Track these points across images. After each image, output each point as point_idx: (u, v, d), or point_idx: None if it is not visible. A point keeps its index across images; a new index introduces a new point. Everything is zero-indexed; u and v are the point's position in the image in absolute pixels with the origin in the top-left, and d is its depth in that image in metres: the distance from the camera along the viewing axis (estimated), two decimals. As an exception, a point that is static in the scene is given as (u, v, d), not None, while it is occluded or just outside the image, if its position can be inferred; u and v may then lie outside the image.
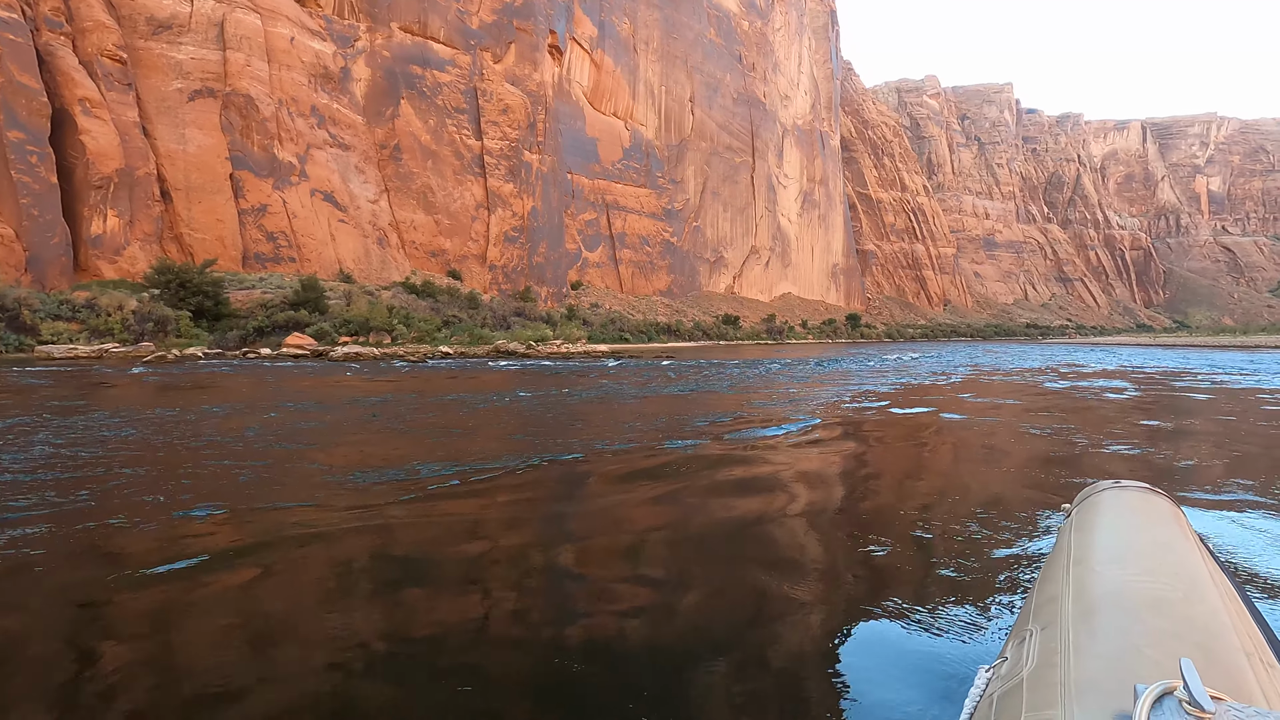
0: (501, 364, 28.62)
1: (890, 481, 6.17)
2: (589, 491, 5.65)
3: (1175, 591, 1.34)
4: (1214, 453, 7.59)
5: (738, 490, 5.70)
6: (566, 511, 5.06)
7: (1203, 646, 1.12)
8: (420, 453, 7.08)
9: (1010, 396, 15.28)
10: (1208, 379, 20.41)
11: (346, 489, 5.47)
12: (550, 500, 5.41)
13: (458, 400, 12.63)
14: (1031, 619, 1.42)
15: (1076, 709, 0.97)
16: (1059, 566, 1.63)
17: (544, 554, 4.02)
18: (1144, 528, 1.79)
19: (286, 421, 9.62)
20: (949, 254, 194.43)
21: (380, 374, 20.54)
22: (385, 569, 3.68)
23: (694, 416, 10.70)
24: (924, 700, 2.34)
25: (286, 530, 4.31)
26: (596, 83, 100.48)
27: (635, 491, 5.60)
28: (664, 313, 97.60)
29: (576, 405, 11.97)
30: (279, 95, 59.62)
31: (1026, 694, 1.08)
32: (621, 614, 3.10)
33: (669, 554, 4.05)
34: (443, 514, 4.85)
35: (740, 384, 17.65)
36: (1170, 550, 1.59)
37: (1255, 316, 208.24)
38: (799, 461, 7.01)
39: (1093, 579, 1.45)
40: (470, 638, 2.82)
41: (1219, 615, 1.26)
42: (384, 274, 64.81)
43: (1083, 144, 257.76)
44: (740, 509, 5.08)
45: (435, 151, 73.05)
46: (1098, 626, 1.23)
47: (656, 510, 5.06)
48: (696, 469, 6.48)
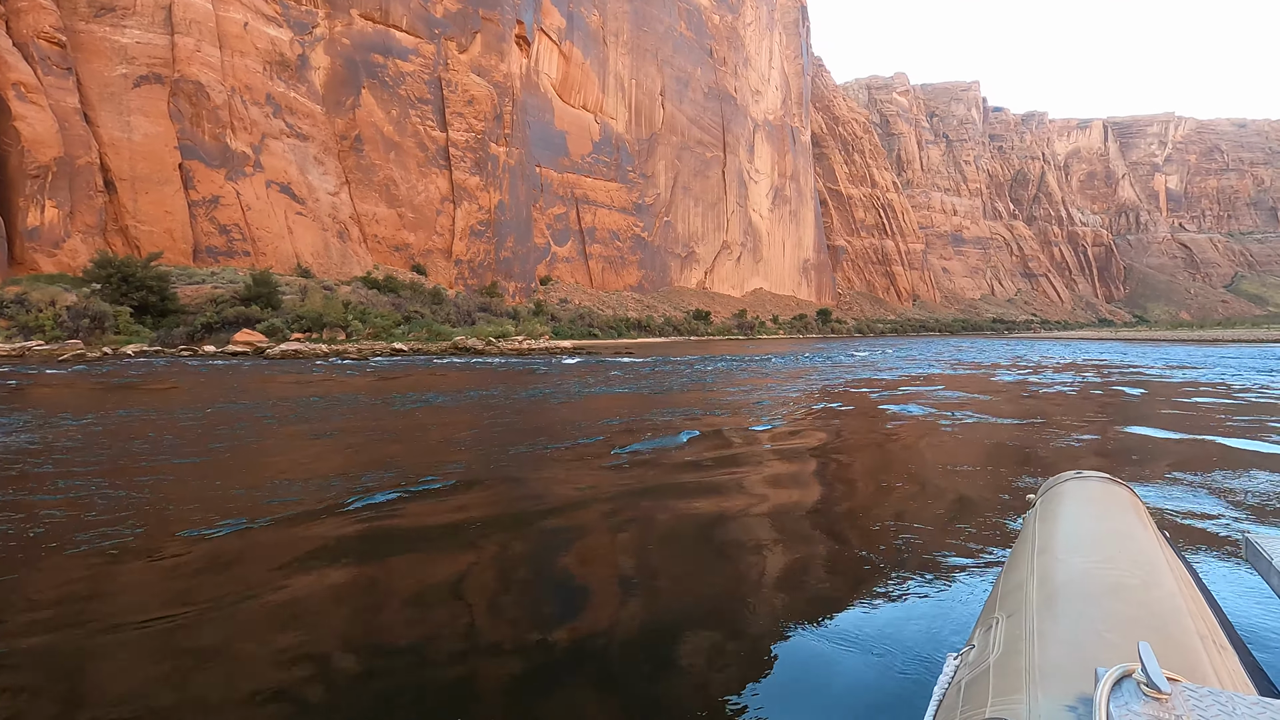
0: (449, 361, 27.67)
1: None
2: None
3: (1134, 578, 1.39)
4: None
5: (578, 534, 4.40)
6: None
7: (1160, 630, 1.17)
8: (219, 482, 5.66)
9: (982, 391, 14.95)
10: (1152, 372, 20.40)
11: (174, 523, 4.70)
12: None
13: (368, 405, 11.74)
14: (998, 607, 1.46)
15: (1041, 693, 1.00)
16: (1024, 555, 1.67)
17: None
18: (1104, 517, 1.85)
19: (165, 430, 8.74)
20: (918, 250, 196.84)
21: (310, 373, 19.51)
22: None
23: (606, 418, 10.03)
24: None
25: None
26: (565, 75, 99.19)
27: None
28: (634, 308, 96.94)
29: (497, 409, 11.07)
30: (231, 82, 57.52)
31: (993, 680, 1.10)
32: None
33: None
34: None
35: (689, 383, 17.07)
36: (1129, 538, 1.65)
37: (1210, 311, 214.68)
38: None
39: (1056, 567, 1.49)
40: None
41: (1175, 600, 1.31)
42: (345, 269, 63.08)
43: (1047, 142, 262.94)
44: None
45: (398, 143, 71.32)
46: (1061, 613, 1.26)
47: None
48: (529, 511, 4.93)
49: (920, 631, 2.86)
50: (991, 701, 1.04)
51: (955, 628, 2.88)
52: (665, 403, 12.04)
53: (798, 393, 14.52)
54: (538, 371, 20.97)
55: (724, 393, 14.44)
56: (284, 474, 6.05)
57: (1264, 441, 7.81)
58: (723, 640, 2.81)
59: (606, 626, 2.93)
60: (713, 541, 4.18)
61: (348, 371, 20.24)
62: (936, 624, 2.94)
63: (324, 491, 5.26)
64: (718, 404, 11.80)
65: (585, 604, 3.19)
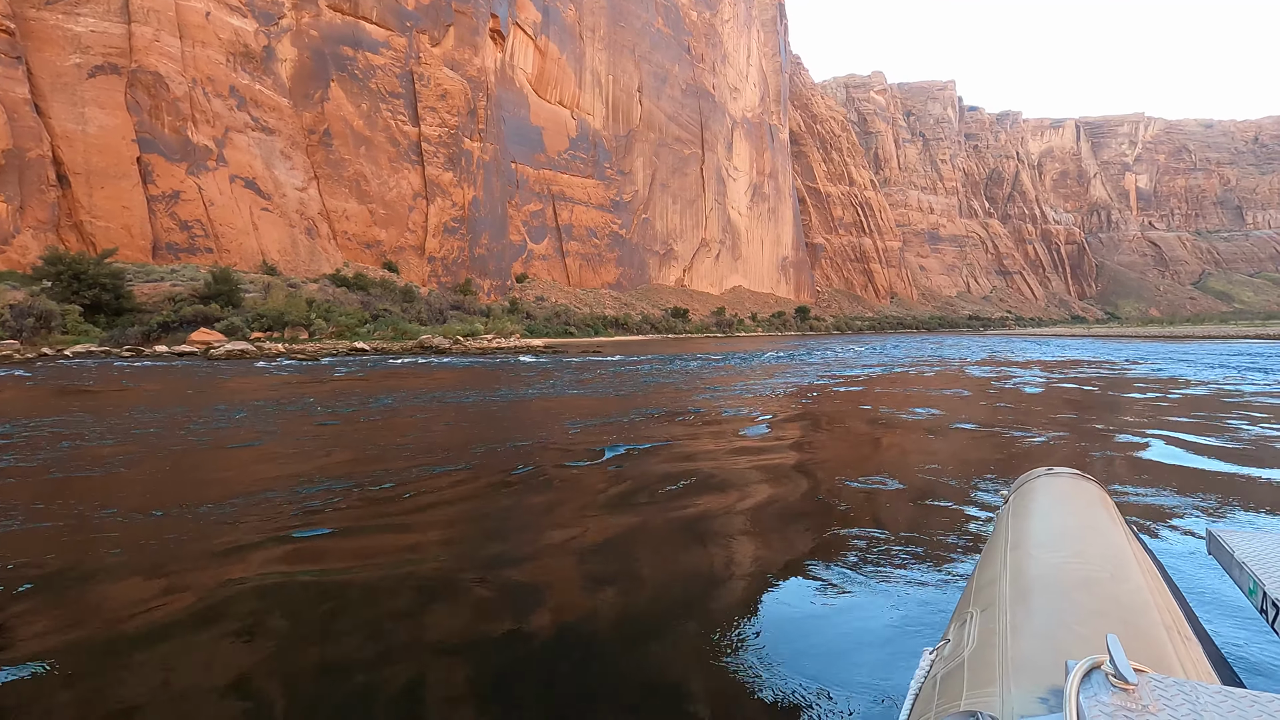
0: (410, 360, 26.75)
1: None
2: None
3: (1103, 572, 1.44)
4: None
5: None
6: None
7: (1128, 623, 1.20)
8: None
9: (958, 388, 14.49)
10: (1116, 369, 20.20)
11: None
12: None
13: (273, 413, 10.83)
14: (972, 602, 1.49)
15: (1013, 686, 1.02)
16: (997, 551, 1.71)
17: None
18: (1075, 512, 1.90)
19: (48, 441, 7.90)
20: (895, 248, 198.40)
21: (247, 376, 18.55)
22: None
23: (537, 427, 9.33)
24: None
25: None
26: (541, 70, 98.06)
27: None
28: (612, 306, 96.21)
29: (425, 418, 9.80)
30: (193, 74, 55.75)
31: (967, 673, 1.13)
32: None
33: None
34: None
35: (651, 384, 16.43)
36: (1099, 533, 1.71)
37: (1179, 308, 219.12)
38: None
39: (1028, 562, 1.53)
40: None
41: (1142, 593, 1.36)
42: (313, 266, 61.59)
43: (1021, 141, 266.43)
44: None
45: (369, 138, 69.85)
46: (1033, 607, 1.29)
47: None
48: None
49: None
50: (966, 695, 1.06)
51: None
52: (615, 408, 11.38)
53: (767, 392, 13.95)
54: (492, 369, 20.21)
55: (682, 395, 13.82)
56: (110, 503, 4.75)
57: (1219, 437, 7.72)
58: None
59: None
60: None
61: (287, 371, 19.30)
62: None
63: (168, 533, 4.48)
64: (671, 409, 11.16)
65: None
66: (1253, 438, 7.69)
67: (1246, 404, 11.26)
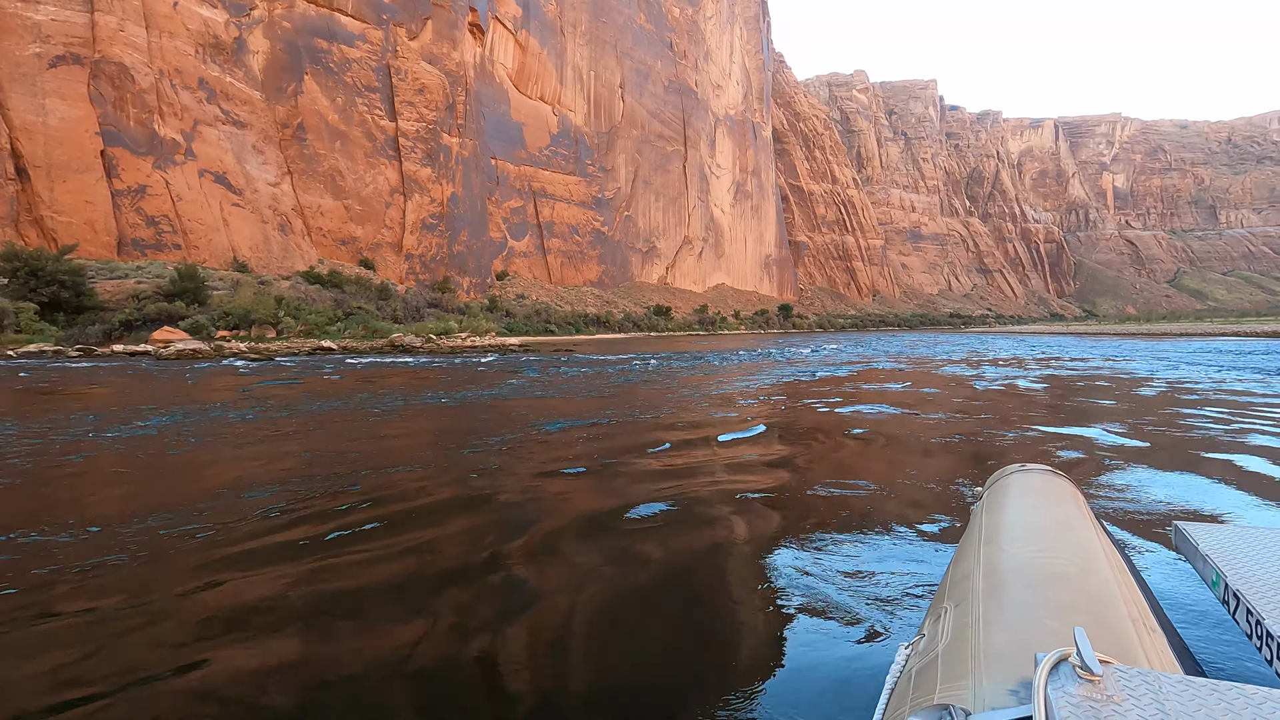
0: (371, 361, 25.93)
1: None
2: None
3: (1073, 566, 1.48)
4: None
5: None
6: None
7: (1095, 615, 1.24)
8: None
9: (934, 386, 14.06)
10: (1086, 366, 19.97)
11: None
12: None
13: (189, 422, 10.14)
14: (947, 596, 1.52)
15: (985, 679, 1.05)
16: (971, 546, 1.75)
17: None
18: (1046, 507, 1.95)
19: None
20: (877, 246, 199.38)
21: (186, 379, 17.72)
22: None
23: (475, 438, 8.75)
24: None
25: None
26: (522, 65, 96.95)
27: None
28: (594, 304, 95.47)
29: (345, 428, 8.56)
30: (160, 65, 54.21)
31: (941, 667, 1.15)
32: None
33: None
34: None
35: (617, 384, 15.86)
36: (1069, 528, 1.75)
37: (1155, 306, 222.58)
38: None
39: (1001, 557, 1.56)
40: None
41: (1110, 586, 1.40)
42: (286, 263, 60.27)
43: (1001, 141, 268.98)
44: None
45: (344, 132, 68.49)
46: (1005, 602, 1.33)
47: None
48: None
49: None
50: (940, 688, 1.08)
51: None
52: (576, 411, 10.79)
53: (739, 390, 13.43)
54: (457, 369, 19.51)
55: (645, 399, 13.25)
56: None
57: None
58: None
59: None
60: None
61: (265, 364, 18.48)
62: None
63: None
64: (626, 420, 10.59)
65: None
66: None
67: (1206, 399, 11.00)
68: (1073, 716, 0.88)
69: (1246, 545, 1.88)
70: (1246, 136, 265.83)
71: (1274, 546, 1.85)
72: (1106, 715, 0.88)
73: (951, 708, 0.99)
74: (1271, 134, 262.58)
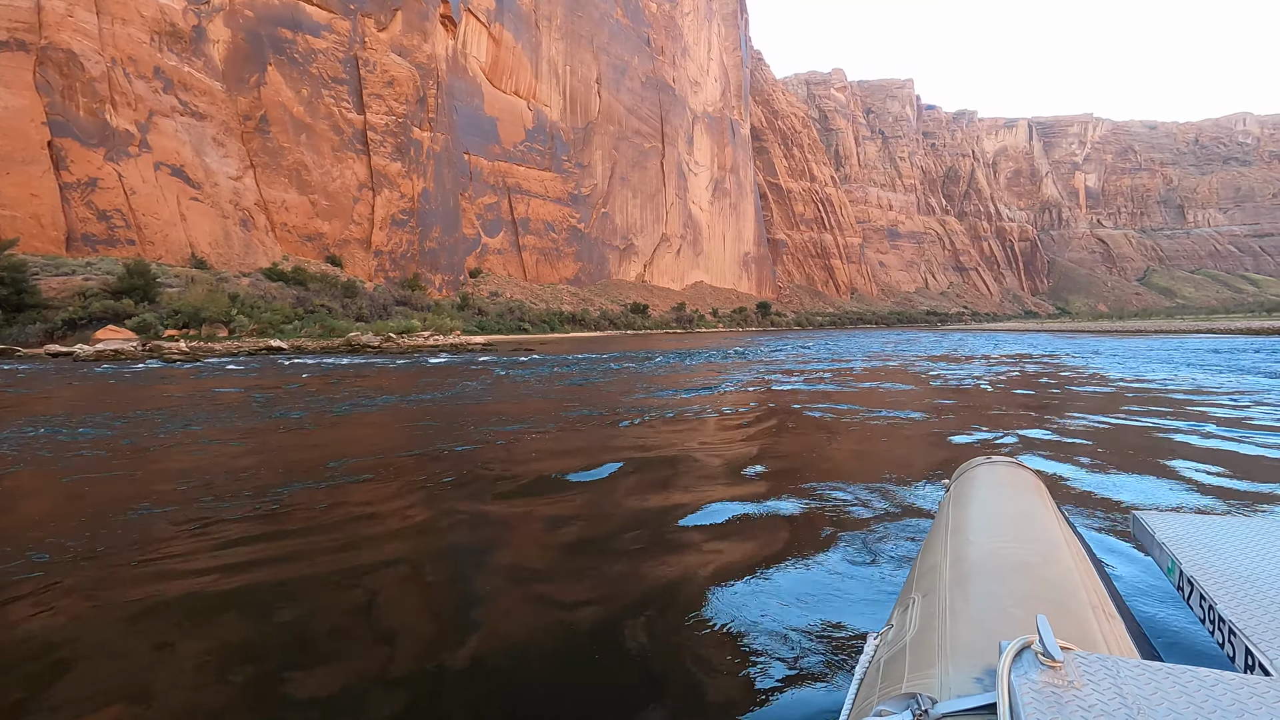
0: (320, 362, 24.67)
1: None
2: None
3: (1036, 556, 1.52)
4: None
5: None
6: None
7: (1057, 603, 1.28)
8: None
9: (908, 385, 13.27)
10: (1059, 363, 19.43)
11: None
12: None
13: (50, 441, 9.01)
14: (915, 587, 1.54)
15: (952, 668, 1.08)
16: (939, 537, 1.79)
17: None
18: (1011, 499, 2.00)
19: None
20: (856, 244, 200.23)
21: (82, 381, 16.41)
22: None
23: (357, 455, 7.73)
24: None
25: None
26: (496, 59, 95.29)
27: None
28: (570, 302, 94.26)
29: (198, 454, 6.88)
30: (112, 53, 52.03)
31: (909, 656, 1.17)
32: None
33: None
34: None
35: (576, 385, 14.90)
36: (1032, 519, 1.81)
37: (1126, 303, 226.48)
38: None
39: (967, 548, 1.60)
40: None
41: (1071, 575, 1.44)
42: (249, 260, 58.34)
43: (976, 140, 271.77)
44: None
45: (310, 125, 66.60)
46: (971, 591, 1.36)
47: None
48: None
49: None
50: (908, 677, 1.10)
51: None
52: (533, 411, 9.80)
53: (699, 395, 12.53)
54: (402, 370, 18.38)
55: (611, 398, 12.29)
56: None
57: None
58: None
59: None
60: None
61: (160, 378, 17.17)
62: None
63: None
64: (582, 418, 9.62)
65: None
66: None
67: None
68: (1035, 702, 0.90)
69: (1200, 534, 1.90)
70: (1213, 138, 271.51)
71: (1226, 535, 1.88)
72: (1067, 700, 0.91)
73: (919, 696, 1.01)
74: (1237, 135, 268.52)
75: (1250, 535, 1.89)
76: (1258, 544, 1.81)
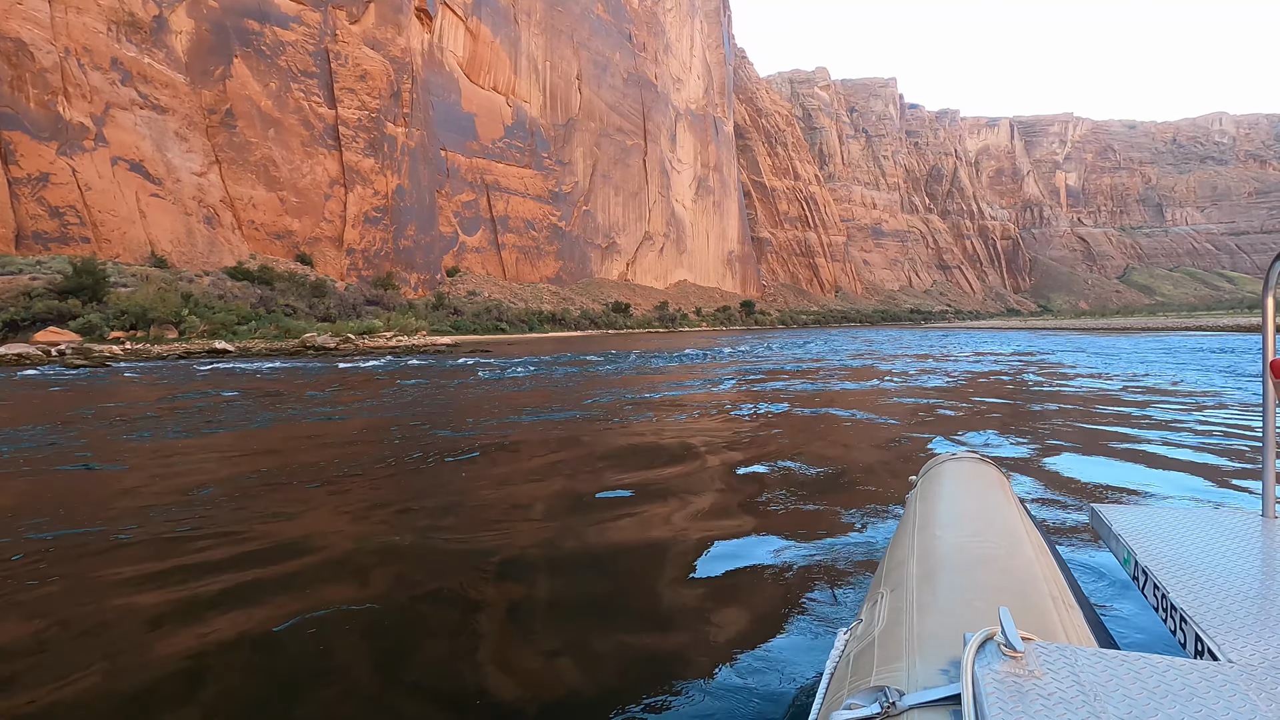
0: (257, 367, 23.14)
1: None
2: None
3: (999, 549, 1.56)
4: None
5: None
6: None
7: (1019, 595, 1.32)
8: None
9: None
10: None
11: None
12: None
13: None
14: (883, 583, 1.57)
15: (919, 660, 1.10)
16: (906, 532, 1.83)
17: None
18: (976, 494, 2.06)
19: None
20: (840, 242, 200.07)
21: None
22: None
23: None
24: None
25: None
26: (473, 53, 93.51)
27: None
28: (550, 301, 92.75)
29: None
30: (65, 43, 49.93)
31: (878, 650, 1.20)
32: None
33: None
34: None
35: (525, 389, 13.61)
36: (996, 513, 1.86)
37: (1106, 300, 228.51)
38: None
39: (934, 543, 1.65)
40: None
41: (1032, 567, 1.49)
42: (213, 258, 56.38)
43: (959, 139, 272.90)
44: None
45: (278, 119, 64.64)
46: (937, 585, 1.39)
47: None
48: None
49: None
50: (876, 671, 1.12)
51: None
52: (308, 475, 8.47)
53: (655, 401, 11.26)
54: (327, 375, 16.97)
55: (563, 400, 10.99)
56: None
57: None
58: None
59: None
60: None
61: (54, 388, 15.61)
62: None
63: None
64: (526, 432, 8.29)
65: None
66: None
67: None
68: (997, 691, 0.93)
69: (1155, 525, 1.95)
70: (1191, 137, 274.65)
71: (1180, 526, 1.93)
72: (1028, 689, 0.94)
73: (887, 689, 1.03)
74: (1214, 135, 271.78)
75: (1200, 526, 1.92)
76: (1207, 535, 1.85)
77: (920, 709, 0.98)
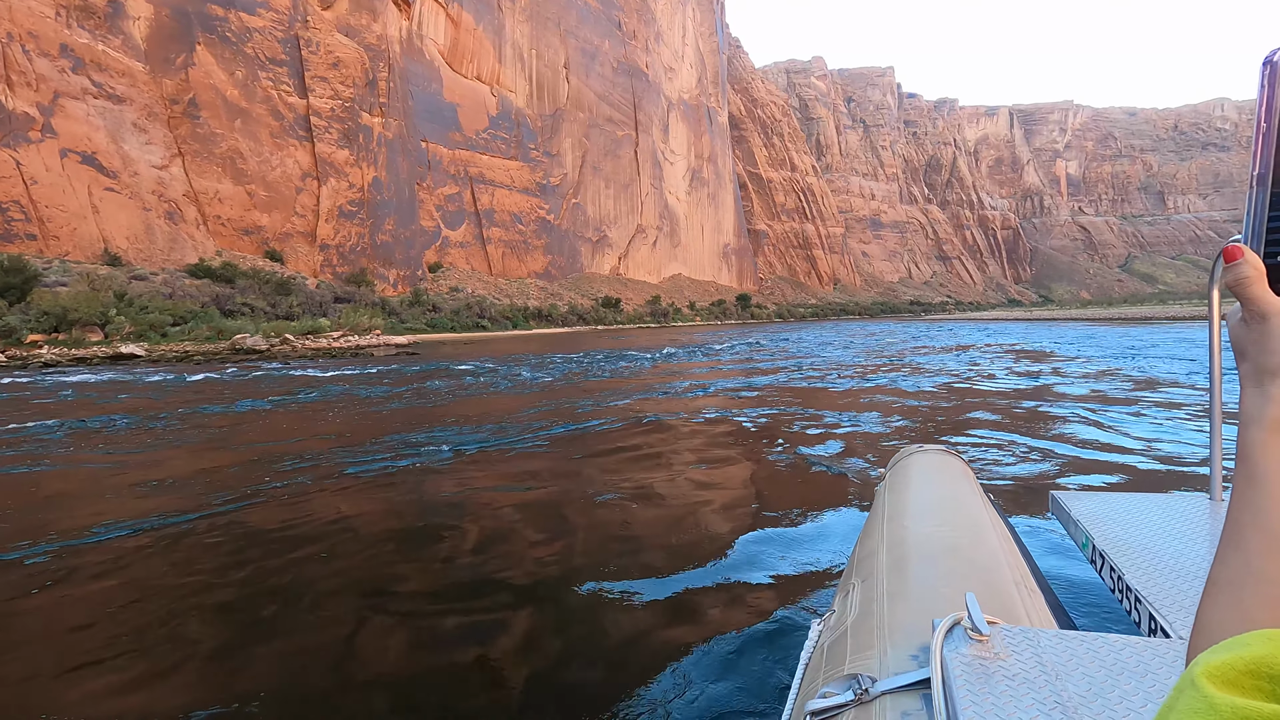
0: (158, 377, 20.28)
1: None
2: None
3: (965, 538, 1.62)
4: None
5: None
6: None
7: (984, 581, 1.38)
8: None
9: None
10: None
11: None
12: None
13: None
14: (854, 573, 1.62)
15: (890, 647, 1.15)
16: (876, 524, 1.89)
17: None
18: (942, 485, 2.12)
19: None
20: (838, 234, 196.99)
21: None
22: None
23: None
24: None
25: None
26: (455, 41, 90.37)
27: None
28: (538, 296, 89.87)
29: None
30: (8, 28, 46.97)
31: (851, 639, 1.24)
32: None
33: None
34: None
35: (450, 400, 10.85)
36: (961, 503, 1.93)
37: (1108, 290, 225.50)
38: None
39: (902, 533, 1.71)
40: None
41: (996, 554, 1.54)
42: (175, 255, 53.49)
43: (958, 128, 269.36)
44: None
45: (245, 109, 61.66)
46: (907, 574, 1.44)
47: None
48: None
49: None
50: (849, 659, 1.16)
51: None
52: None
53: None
54: (203, 384, 14.17)
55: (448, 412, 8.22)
56: None
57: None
58: None
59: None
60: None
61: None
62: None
63: None
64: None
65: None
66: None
67: None
68: (965, 674, 0.98)
69: (1111, 510, 2.02)
70: (1192, 124, 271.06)
71: (1134, 511, 2.00)
72: (994, 670, 0.99)
73: (860, 676, 1.07)
74: (1215, 121, 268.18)
75: (1153, 511, 1.99)
76: (1159, 519, 1.92)
77: (892, 694, 1.02)
